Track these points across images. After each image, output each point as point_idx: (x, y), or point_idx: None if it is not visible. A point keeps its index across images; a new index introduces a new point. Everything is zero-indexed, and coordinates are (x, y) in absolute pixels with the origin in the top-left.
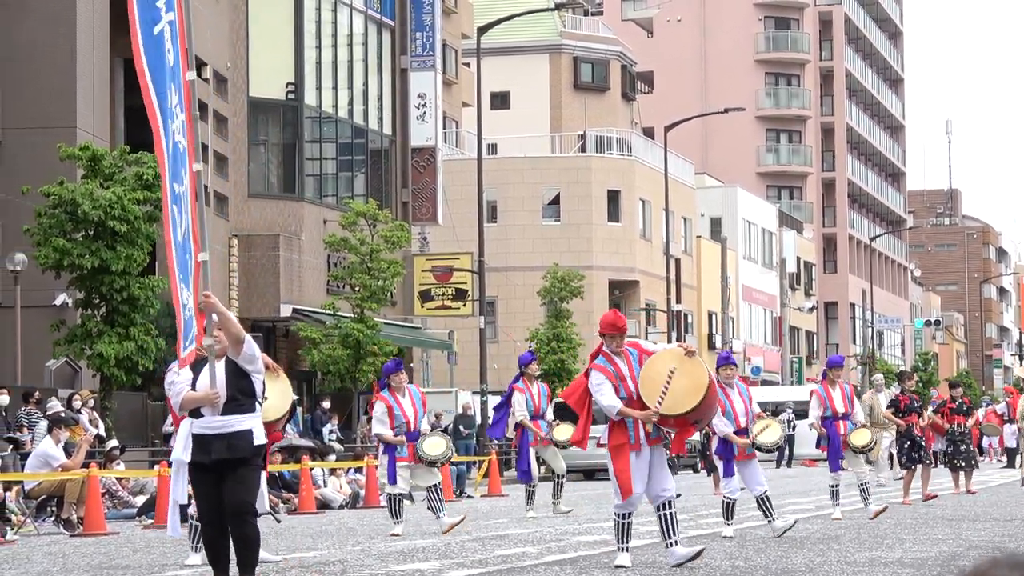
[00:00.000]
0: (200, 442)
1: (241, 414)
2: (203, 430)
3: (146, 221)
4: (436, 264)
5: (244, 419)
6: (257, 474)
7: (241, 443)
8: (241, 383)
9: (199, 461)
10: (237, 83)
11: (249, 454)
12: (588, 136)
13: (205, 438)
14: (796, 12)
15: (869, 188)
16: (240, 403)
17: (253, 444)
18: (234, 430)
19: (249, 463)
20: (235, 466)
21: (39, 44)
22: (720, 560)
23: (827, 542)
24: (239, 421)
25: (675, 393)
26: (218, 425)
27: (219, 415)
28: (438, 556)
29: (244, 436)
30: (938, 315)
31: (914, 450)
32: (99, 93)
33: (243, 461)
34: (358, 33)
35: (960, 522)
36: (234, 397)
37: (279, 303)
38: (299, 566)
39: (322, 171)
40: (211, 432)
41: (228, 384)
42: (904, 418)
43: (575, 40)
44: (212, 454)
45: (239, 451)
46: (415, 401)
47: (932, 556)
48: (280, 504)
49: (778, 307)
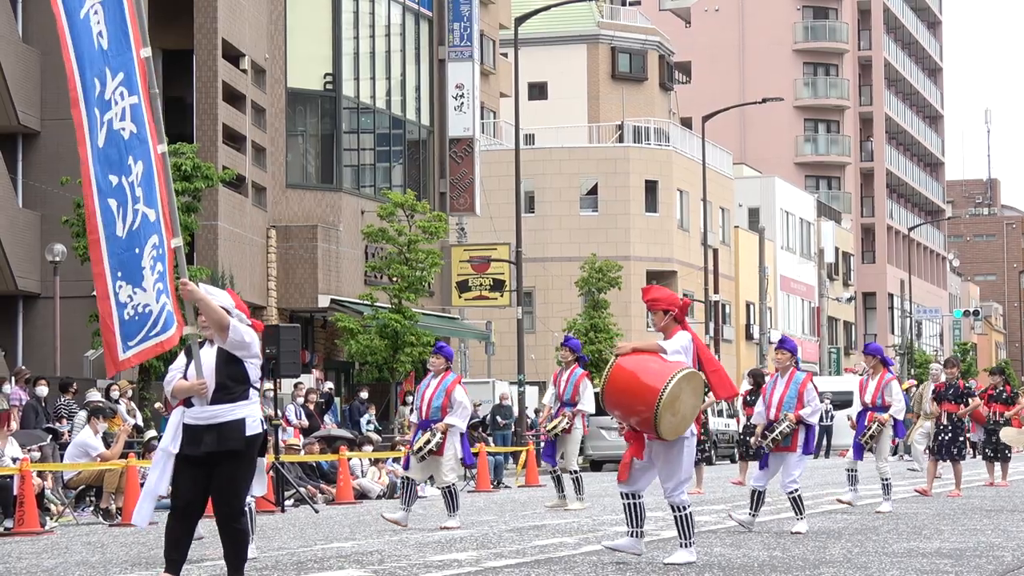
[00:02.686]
0: (190, 433)
1: (232, 403)
2: (193, 420)
3: (185, 212)
4: (474, 255)
5: (235, 408)
6: (250, 470)
7: (232, 434)
8: (231, 370)
9: (189, 454)
10: (275, 74)
11: (241, 446)
12: (626, 126)
13: (195, 429)
14: (834, 1)
15: (907, 178)
16: (230, 391)
17: (245, 434)
18: (224, 420)
19: (241, 455)
20: (226, 461)
21: None
22: (758, 551)
23: (865, 532)
24: (229, 411)
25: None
26: (207, 415)
27: (208, 404)
28: (476, 546)
29: (235, 426)
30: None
31: (951, 443)
32: None
33: (234, 454)
34: (396, 24)
35: (999, 513)
36: (224, 385)
37: (317, 294)
38: (337, 556)
39: (360, 162)
40: (201, 423)
41: (217, 371)
42: (940, 405)
43: (613, 30)
44: (202, 446)
45: (230, 443)
46: (437, 392)
47: (971, 547)
48: (318, 494)
49: (816, 297)
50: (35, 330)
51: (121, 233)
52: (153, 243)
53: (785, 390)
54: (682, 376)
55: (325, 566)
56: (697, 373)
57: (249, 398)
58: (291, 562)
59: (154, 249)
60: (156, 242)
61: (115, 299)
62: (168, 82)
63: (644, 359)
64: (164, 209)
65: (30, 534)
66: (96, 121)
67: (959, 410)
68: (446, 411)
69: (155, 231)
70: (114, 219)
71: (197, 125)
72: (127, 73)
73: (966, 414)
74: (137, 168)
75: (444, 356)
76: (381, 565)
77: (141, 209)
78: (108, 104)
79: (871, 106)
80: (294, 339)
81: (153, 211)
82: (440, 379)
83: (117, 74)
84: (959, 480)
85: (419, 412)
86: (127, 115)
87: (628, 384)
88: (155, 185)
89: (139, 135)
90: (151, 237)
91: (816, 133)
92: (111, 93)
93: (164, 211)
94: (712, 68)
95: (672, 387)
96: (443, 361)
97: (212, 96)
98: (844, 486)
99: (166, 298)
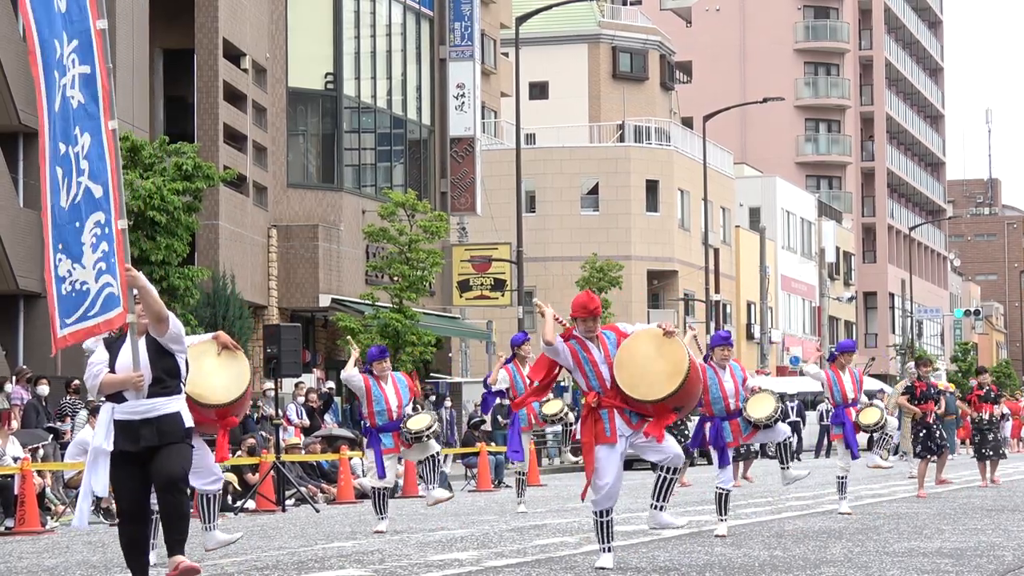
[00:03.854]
0: (125, 429)
1: (167, 396)
2: (128, 415)
3: (185, 212)
4: (475, 254)
5: (171, 401)
6: (188, 454)
7: (171, 427)
8: (165, 363)
9: (125, 450)
10: (276, 73)
11: (179, 439)
12: (627, 126)
13: (131, 424)
14: (835, 1)
15: (908, 178)
16: (166, 384)
17: (184, 427)
18: (162, 413)
19: (181, 447)
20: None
21: None
22: (759, 550)
23: (866, 532)
24: (165, 404)
25: (651, 377)
26: (144, 409)
27: (144, 398)
28: (476, 546)
29: (173, 419)
30: (977, 305)
31: (930, 439)
32: (138, 84)
33: (174, 446)
34: (397, 23)
35: (1000, 512)
36: (159, 378)
37: (318, 293)
38: (338, 556)
39: (361, 161)
40: (136, 417)
41: (152, 365)
42: (920, 405)
43: (614, 30)
44: (141, 441)
45: (169, 436)
46: (399, 389)
47: (972, 546)
48: (319, 494)
49: (817, 297)
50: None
51: (64, 204)
52: (97, 220)
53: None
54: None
55: (326, 565)
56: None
57: (181, 392)
58: (292, 562)
59: (98, 227)
60: (101, 220)
61: (55, 272)
62: (169, 81)
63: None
64: (113, 187)
65: (31, 533)
66: (55, 85)
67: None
68: None
69: (100, 208)
70: (59, 188)
71: (198, 124)
72: (81, 42)
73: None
74: (84, 140)
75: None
76: (382, 564)
77: (85, 183)
78: (64, 69)
79: (872, 106)
80: (295, 339)
81: (100, 187)
82: (392, 379)
83: (72, 40)
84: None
85: (387, 414)
86: (76, 83)
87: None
88: (106, 161)
89: (87, 107)
90: (95, 214)
91: (817, 133)
92: (67, 59)
93: (113, 189)
94: (713, 68)
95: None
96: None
97: (213, 95)
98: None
99: (110, 279)
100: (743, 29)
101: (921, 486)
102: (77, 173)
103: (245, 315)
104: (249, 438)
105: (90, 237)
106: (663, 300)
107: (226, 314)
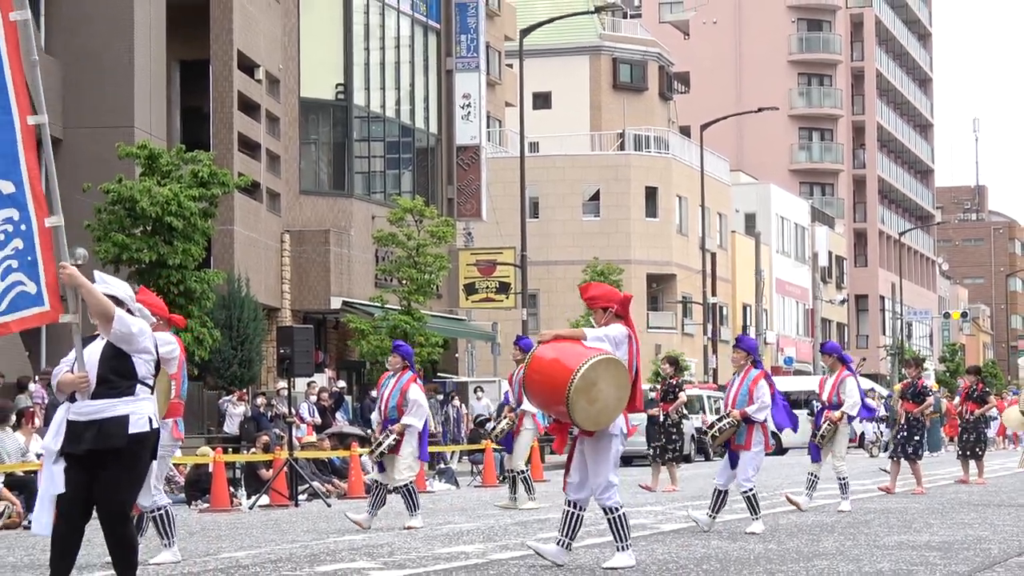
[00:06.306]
0: (72, 430)
1: (115, 398)
2: (75, 417)
3: (202, 217)
4: (480, 258)
5: (118, 404)
6: (135, 469)
7: (113, 431)
8: (117, 364)
9: (71, 451)
10: (289, 84)
11: (122, 443)
12: (627, 135)
13: (76, 426)
14: (828, 14)
15: (898, 185)
16: (114, 385)
17: (127, 432)
18: (105, 416)
19: (123, 454)
20: (107, 459)
21: (99, 48)
22: (754, 543)
23: (857, 527)
24: (112, 406)
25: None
26: (89, 411)
27: (89, 399)
28: (482, 539)
29: (117, 423)
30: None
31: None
32: (156, 94)
33: (116, 453)
34: (405, 36)
35: (987, 508)
36: (106, 379)
37: (329, 296)
38: (348, 549)
39: (370, 169)
40: (82, 419)
41: (101, 364)
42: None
43: (614, 42)
44: (82, 443)
45: (110, 440)
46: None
47: (959, 540)
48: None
49: (810, 299)
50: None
51: None
52: (7, 217)
53: (739, 388)
54: (598, 361)
55: (337, 558)
56: (618, 362)
57: (135, 394)
58: (304, 554)
59: (8, 224)
60: (14, 217)
61: None
62: (186, 92)
63: (563, 345)
64: (32, 184)
65: None
66: None
67: (915, 409)
68: (402, 410)
69: (10, 204)
70: None
71: (213, 133)
72: None
73: (921, 411)
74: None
75: (401, 355)
76: (391, 557)
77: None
78: None
79: (863, 115)
80: (307, 340)
81: (9, 183)
82: (397, 378)
83: None
84: (919, 478)
85: (379, 412)
86: None
87: (544, 369)
88: (18, 157)
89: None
90: (3, 210)
91: (810, 141)
92: None
93: (32, 186)
94: (710, 78)
95: (585, 370)
96: (400, 360)
97: (228, 105)
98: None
99: (21, 277)
100: (739, 41)
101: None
102: None
103: (259, 317)
104: (263, 435)
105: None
106: (662, 303)
107: (241, 316)
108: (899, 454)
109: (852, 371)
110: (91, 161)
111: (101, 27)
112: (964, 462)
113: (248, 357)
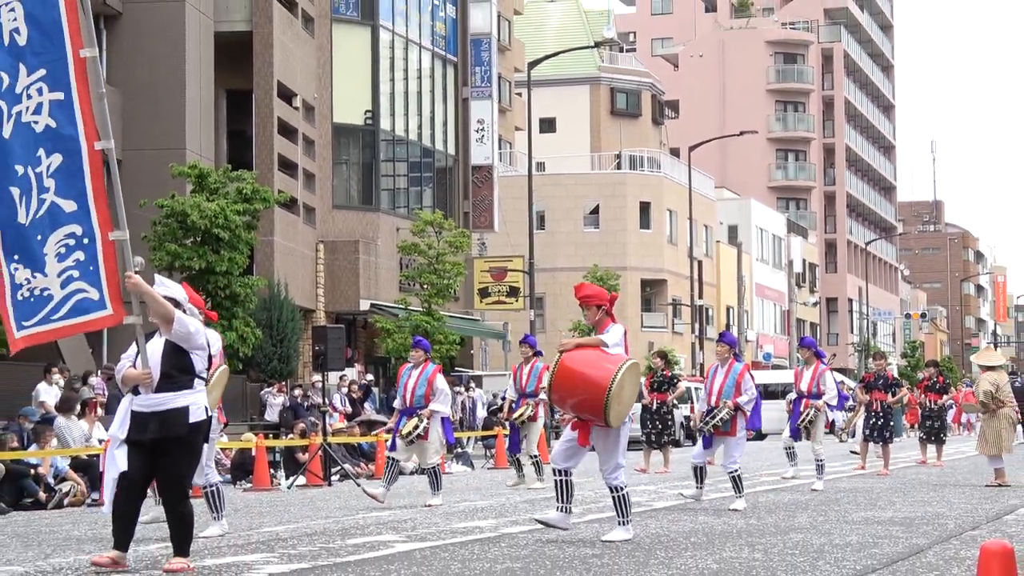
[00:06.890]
0: (137, 420)
1: (175, 391)
2: (139, 408)
3: (245, 229)
4: (493, 265)
5: (178, 396)
6: (193, 454)
7: (175, 421)
8: (177, 360)
9: (136, 439)
10: (323, 111)
11: (184, 432)
12: (623, 155)
13: (142, 416)
14: (802, 48)
15: (865, 200)
16: (174, 380)
17: (188, 422)
18: (167, 408)
19: (184, 441)
20: (170, 446)
21: (155, 79)
22: (736, 519)
23: (828, 504)
24: (173, 399)
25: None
26: (152, 403)
27: (153, 392)
28: (495, 515)
29: (178, 414)
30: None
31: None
32: (205, 119)
33: (178, 440)
34: (426, 68)
35: (944, 488)
36: (168, 374)
37: (359, 299)
38: (376, 524)
39: (395, 186)
40: (146, 410)
41: (163, 361)
42: (870, 394)
43: (612, 73)
44: (148, 432)
45: (173, 429)
46: (420, 379)
47: (919, 516)
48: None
49: (786, 302)
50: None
51: (23, 220)
52: (69, 232)
53: (724, 379)
54: (627, 368)
55: (366, 532)
56: (636, 365)
57: (194, 387)
58: (337, 528)
59: (71, 238)
60: (77, 232)
61: (10, 280)
62: (232, 118)
63: (588, 354)
64: (98, 202)
65: None
66: (2, 114)
67: (887, 398)
68: (429, 398)
69: (73, 221)
70: (14, 205)
71: (256, 155)
72: (51, 71)
73: (895, 403)
74: (50, 160)
75: (423, 349)
76: (414, 531)
77: (50, 199)
78: (18, 98)
79: (833, 138)
80: (339, 338)
81: (71, 202)
82: (421, 369)
83: (36, 71)
84: (887, 460)
85: (402, 400)
86: (44, 110)
87: (576, 379)
88: (83, 178)
89: (60, 130)
90: (66, 227)
91: (786, 161)
92: (22, 87)
93: (98, 204)
94: (697, 105)
95: (620, 378)
96: (421, 353)
97: (269, 130)
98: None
99: (83, 285)
100: (723, 73)
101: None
102: (40, 191)
103: (296, 318)
104: (300, 423)
105: (56, 248)
106: (654, 305)
107: (280, 317)
108: (873, 438)
109: (826, 365)
110: (148, 179)
111: (157, 60)
112: (923, 446)
113: (287, 353)
